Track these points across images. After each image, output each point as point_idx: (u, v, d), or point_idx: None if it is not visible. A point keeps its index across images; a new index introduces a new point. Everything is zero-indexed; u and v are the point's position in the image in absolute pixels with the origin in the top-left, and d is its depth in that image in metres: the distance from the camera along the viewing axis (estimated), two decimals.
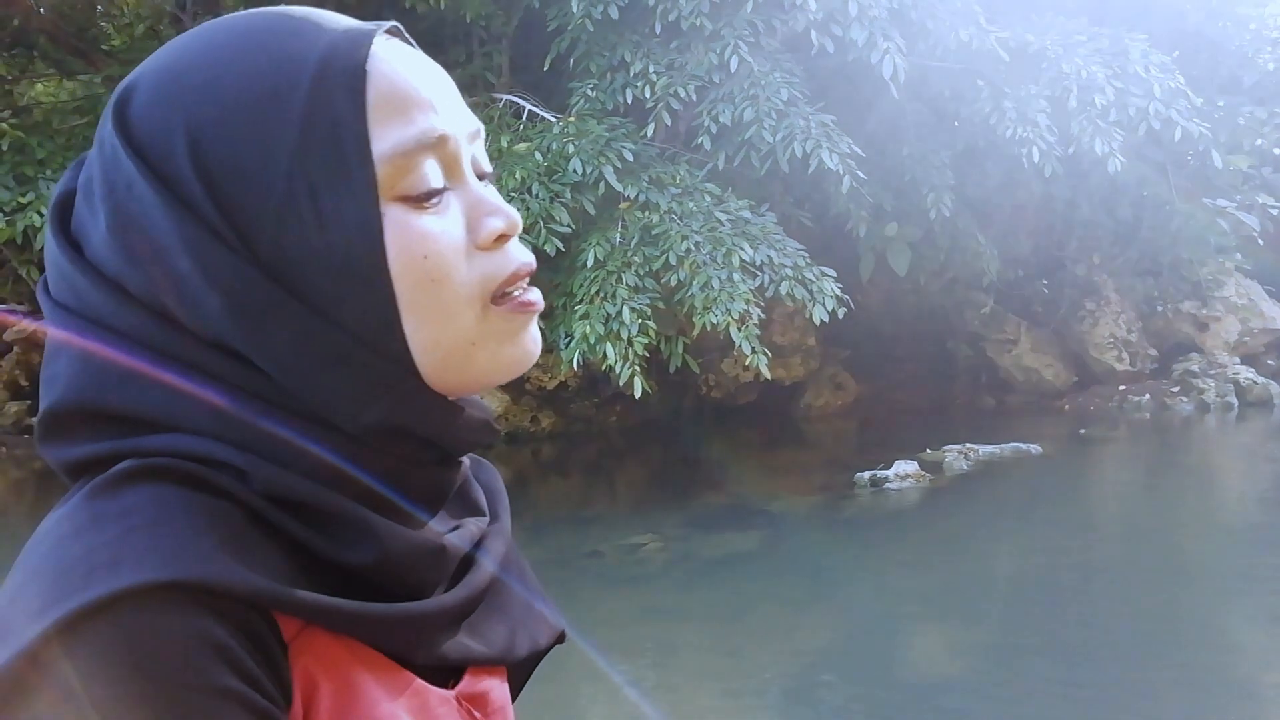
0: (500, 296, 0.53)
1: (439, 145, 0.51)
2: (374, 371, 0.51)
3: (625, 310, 6.02)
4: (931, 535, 6.09)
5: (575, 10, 6.75)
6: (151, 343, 0.50)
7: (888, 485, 6.87)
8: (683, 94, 6.84)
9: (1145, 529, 6.35)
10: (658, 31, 7.02)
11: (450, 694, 0.55)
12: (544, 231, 6.30)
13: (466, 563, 0.58)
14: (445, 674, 0.56)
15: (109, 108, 0.52)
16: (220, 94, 0.49)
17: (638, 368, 5.95)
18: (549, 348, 7.11)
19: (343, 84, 0.50)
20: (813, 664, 4.28)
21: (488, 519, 0.61)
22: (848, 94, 7.65)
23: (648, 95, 6.82)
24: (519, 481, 8.37)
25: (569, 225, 6.38)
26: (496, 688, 0.60)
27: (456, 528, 0.57)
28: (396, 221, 0.50)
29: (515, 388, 9.55)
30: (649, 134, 6.90)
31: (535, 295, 0.55)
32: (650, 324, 6.09)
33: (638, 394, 5.94)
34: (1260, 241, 9.92)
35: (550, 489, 8.17)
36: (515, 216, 0.53)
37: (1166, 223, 9.72)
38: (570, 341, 6.13)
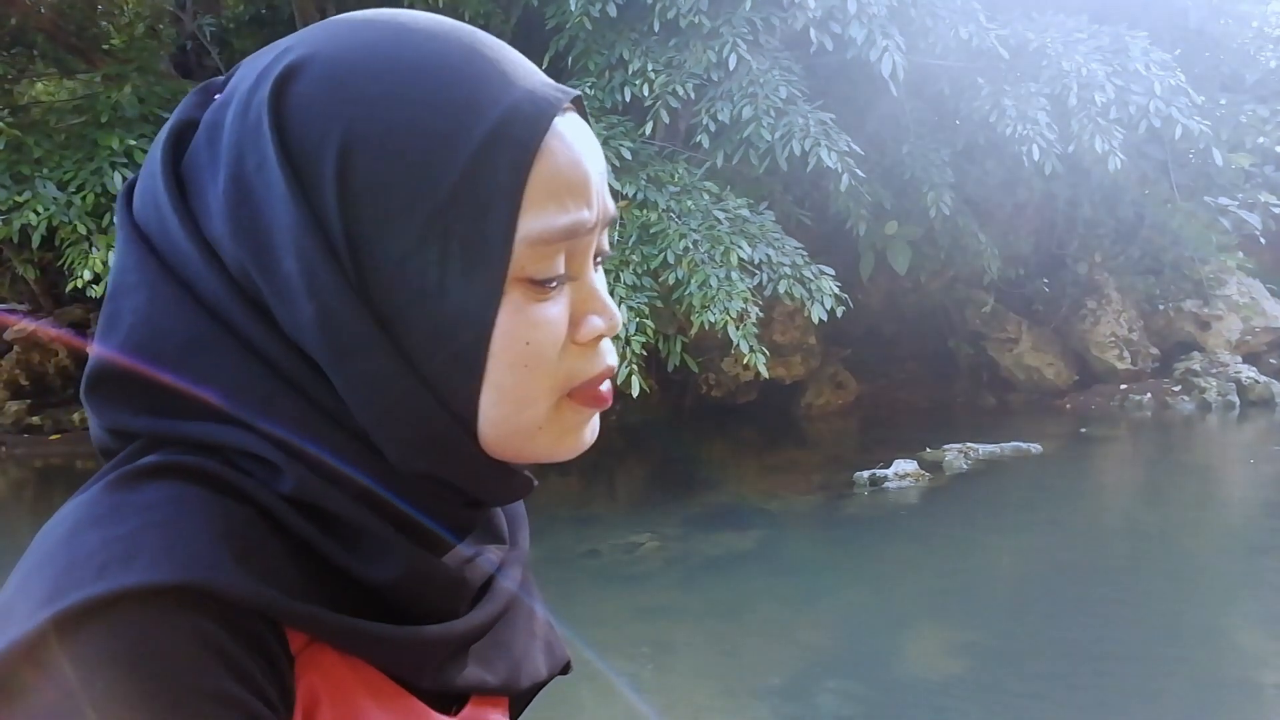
0: (577, 390, 0.53)
1: (578, 238, 0.50)
2: (437, 427, 0.50)
3: (623, 309, 6.00)
4: (930, 535, 6.07)
5: (573, 8, 6.73)
6: (228, 316, 0.49)
7: (887, 484, 6.85)
8: (681, 92, 6.82)
9: (1146, 528, 6.32)
10: (656, 29, 7.00)
11: None
12: None
13: (483, 589, 0.57)
14: (449, 701, 0.55)
15: (269, 72, 0.48)
16: (390, 117, 0.47)
17: (635, 366, 5.93)
18: None
19: (513, 155, 0.48)
20: (811, 663, 4.26)
21: (508, 545, 0.61)
22: (847, 92, 7.62)
23: (646, 93, 6.80)
24: None
25: None
26: (499, 717, 0.59)
27: (478, 554, 0.57)
28: (513, 303, 0.49)
29: None
30: (647, 132, 6.88)
31: (608, 390, 0.54)
32: (648, 323, 6.07)
33: (635, 393, 5.92)
34: (1262, 240, 9.89)
35: (549, 488, 8.16)
36: (617, 318, 0.53)
37: (1168, 221, 9.68)
38: None
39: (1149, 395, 9.80)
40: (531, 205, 0.48)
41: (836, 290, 6.42)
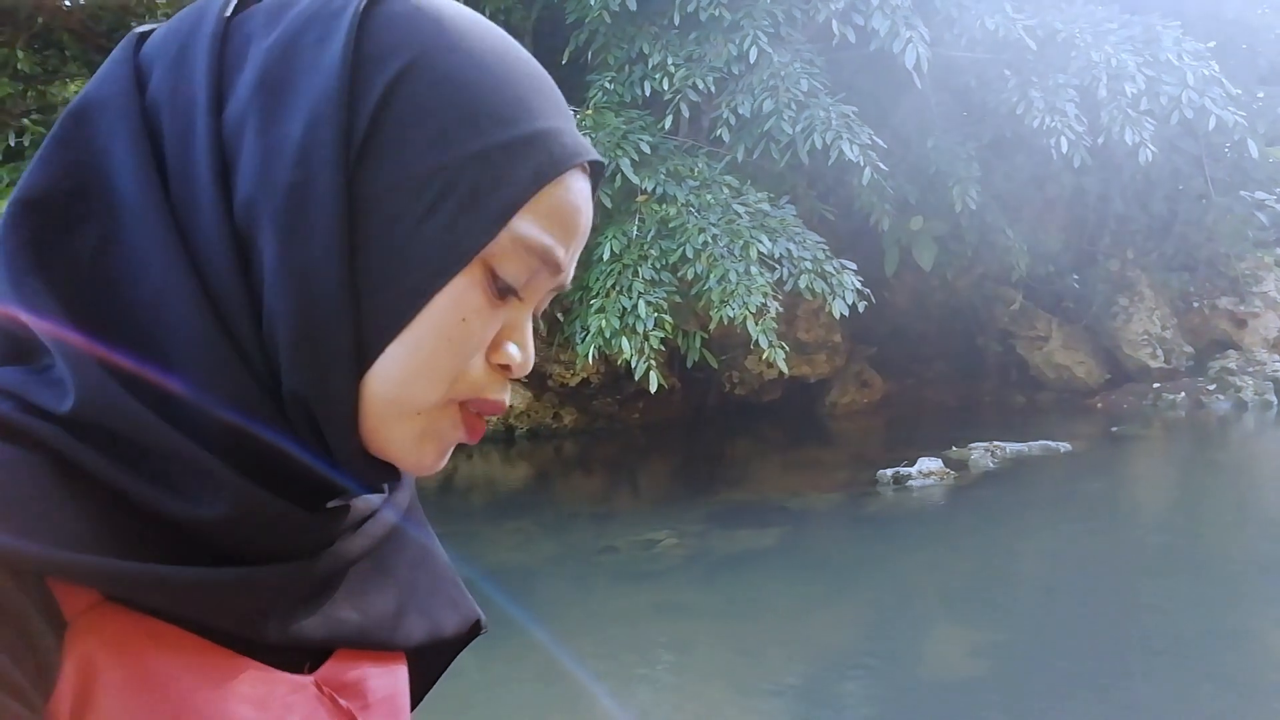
0: (469, 403, 0.51)
1: (545, 269, 0.50)
2: (335, 346, 0.46)
3: (641, 304, 5.95)
4: (954, 533, 5.96)
5: (593, 2, 6.71)
6: (188, 169, 0.45)
7: (911, 483, 6.75)
8: (701, 86, 6.77)
9: (1178, 529, 6.17)
10: (676, 23, 6.96)
11: (308, 680, 0.49)
12: None
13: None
14: (301, 657, 0.50)
15: None
16: (459, 65, 0.48)
17: (653, 361, 5.88)
18: (567, 343, 7.06)
19: (542, 162, 0.49)
20: (829, 662, 4.18)
21: (383, 494, 0.55)
22: (871, 86, 7.53)
23: (666, 87, 6.75)
24: (540, 478, 8.34)
25: None
26: (380, 676, 0.53)
27: (343, 499, 0.51)
28: (471, 279, 0.48)
29: (538, 384, 9.53)
30: (667, 126, 6.83)
31: (482, 427, 0.52)
32: (666, 317, 6.02)
33: (653, 388, 5.88)
34: None
35: (571, 486, 8.13)
36: (530, 362, 0.52)
37: (1202, 216, 9.50)
38: (586, 335, 6.08)
39: (1183, 394, 9.60)
40: (531, 213, 0.48)
41: (858, 285, 6.33)
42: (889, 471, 6.85)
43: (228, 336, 0.45)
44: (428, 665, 0.59)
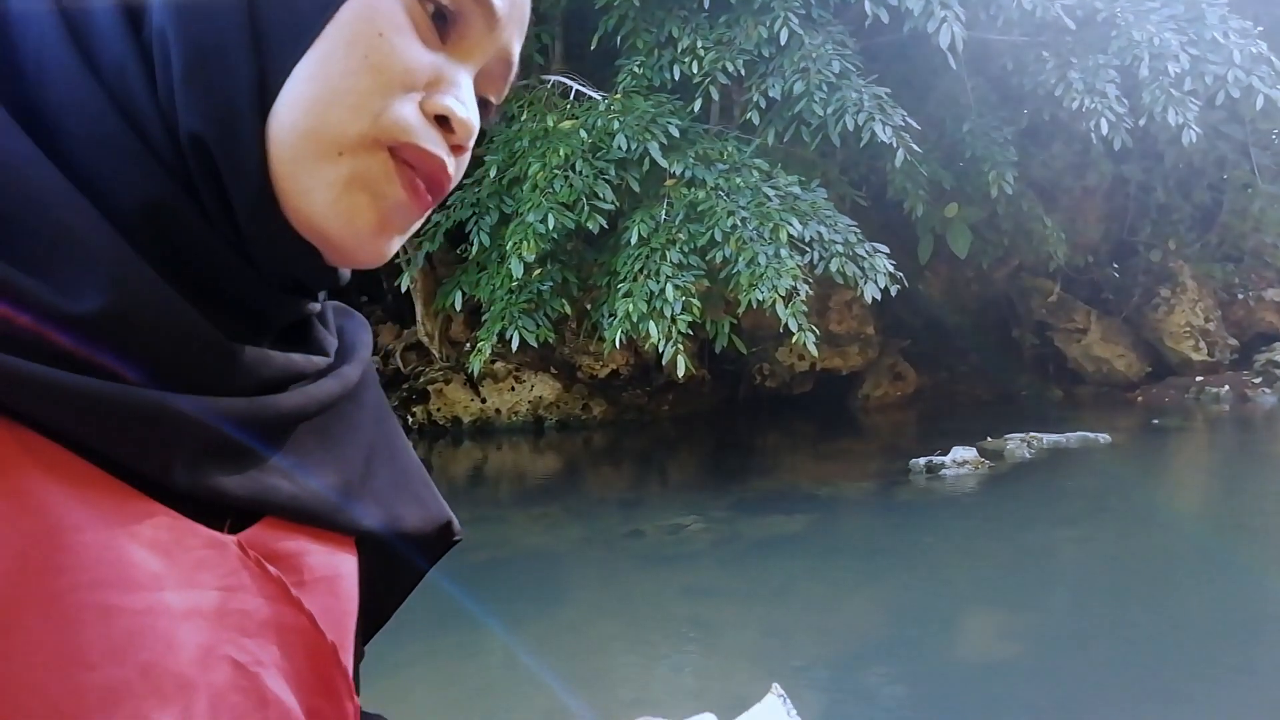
0: (400, 148, 0.44)
1: (478, 10, 0.45)
2: (236, 80, 0.40)
3: (669, 288, 5.88)
4: (988, 521, 5.83)
5: None
6: None
7: (944, 472, 6.63)
8: (731, 69, 6.69)
9: (1218, 520, 5.99)
10: (705, 6, 6.89)
11: (228, 538, 0.43)
12: (587, 209, 6.21)
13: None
14: (224, 515, 0.43)
15: None
16: None
17: (681, 346, 5.81)
18: (594, 331, 7.00)
19: None
20: (858, 645, 4.09)
21: (328, 359, 0.49)
22: (904, 68, 7.41)
23: (695, 71, 6.68)
24: (569, 468, 8.31)
25: (613, 203, 6.27)
26: (321, 554, 0.47)
27: (277, 351, 0.45)
28: None
29: (567, 375, 9.50)
30: (696, 110, 6.76)
31: (425, 193, 0.45)
32: (694, 301, 5.95)
33: (681, 373, 5.80)
34: None
35: (599, 475, 8.10)
36: (471, 123, 0.45)
37: (1248, 205, 9.25)
38: (613, 321, 6.02)
39: (1227, 388, 9.37)
40: None
41: (891, 269, 6.21)
42: (922, 460, 6.73)
43: (103, 84, 0.40)
44: (394, 569, 0.53)
